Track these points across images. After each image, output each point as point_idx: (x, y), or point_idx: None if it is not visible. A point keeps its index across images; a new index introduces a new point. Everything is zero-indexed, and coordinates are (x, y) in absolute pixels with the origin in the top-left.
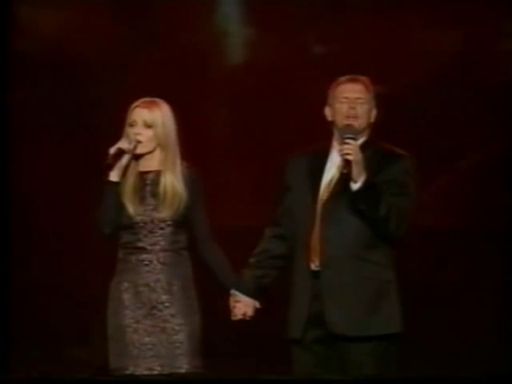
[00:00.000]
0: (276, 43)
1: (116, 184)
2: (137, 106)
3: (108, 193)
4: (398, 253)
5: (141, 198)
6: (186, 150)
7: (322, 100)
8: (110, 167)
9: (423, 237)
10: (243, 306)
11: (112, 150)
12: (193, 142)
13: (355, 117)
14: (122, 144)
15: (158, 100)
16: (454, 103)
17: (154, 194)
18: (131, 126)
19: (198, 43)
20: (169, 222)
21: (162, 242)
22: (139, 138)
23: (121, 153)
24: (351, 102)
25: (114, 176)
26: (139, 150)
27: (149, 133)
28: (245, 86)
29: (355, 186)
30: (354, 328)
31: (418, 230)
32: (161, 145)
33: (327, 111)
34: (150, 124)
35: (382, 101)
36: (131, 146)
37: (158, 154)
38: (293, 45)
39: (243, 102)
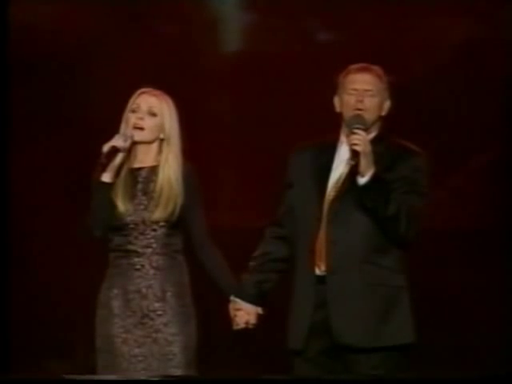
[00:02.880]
0: (277, 30)
1: (109, 185)
2: (143, 93)
3: (99, 194)
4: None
5: (131, 196)
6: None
7: (328, 91)
8: (104, 167)
9: (434, 239)
10: (245, 313)
11: (105, 149)
12: (189, 137)
13: (363, 110)
14: (116, 142)
15: (161, 92)
16: (467, 97)
17: (146, 193)
18: (133, 111)
19: (193, 31)
20: (162, 224)
21: (155, 245)
22: (141, 123)
23: (115, 151)
24: (359, 94)
25: (106, 177)
26: (138, 138)
27: (153, 121)
28: (244, 77)
29: (362, 181)
30: (362, 338)
31: (428, 232)
32: (165, 137)
33: (336, 101)
34: (156, 112)
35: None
36: (126, 144)
37: (155, 147)
38: (295, 32)
39: (242, 93)
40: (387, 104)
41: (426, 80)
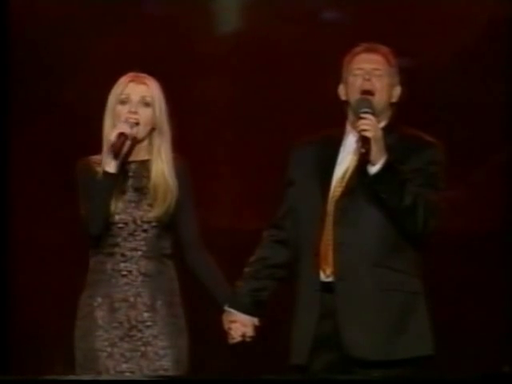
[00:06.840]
0: (278, 9)
1: (114, 176)
2: (131, 81)
3: (103, 186)
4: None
5: (120, 191)
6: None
7: (333, 78)
8: (116, 157)
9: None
10: (240, 325)
11: (113, 138)
12: (179, 129)
13: (371, 90)
14: (124, 128)
15: (147, 76)
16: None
17: (137, 189)
18: (123, 103)
19: (185, 11)
20: (154, 224)
21: (144, 248)
22: (136, 117)
23: (124, 139)
24: (366, 73)
25: (111, 167)
26: (133, 134)
27: (147, 113)
28: (240, 62)
29: (374, 169)
30: (376, 351)
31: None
32: (156, 127)
33: (341, 89)
34: (149, 102)
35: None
36: (133, 131)
37: (147, 140)
38: (298, 12)
39: (240, 80)
40: (397, 90)
41: (440, 67)
